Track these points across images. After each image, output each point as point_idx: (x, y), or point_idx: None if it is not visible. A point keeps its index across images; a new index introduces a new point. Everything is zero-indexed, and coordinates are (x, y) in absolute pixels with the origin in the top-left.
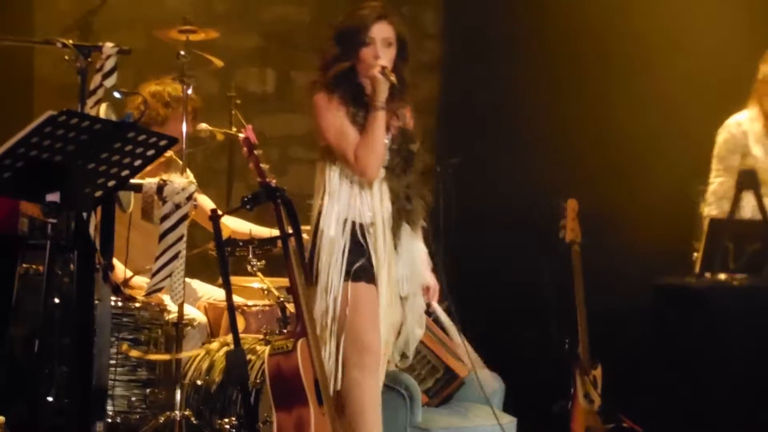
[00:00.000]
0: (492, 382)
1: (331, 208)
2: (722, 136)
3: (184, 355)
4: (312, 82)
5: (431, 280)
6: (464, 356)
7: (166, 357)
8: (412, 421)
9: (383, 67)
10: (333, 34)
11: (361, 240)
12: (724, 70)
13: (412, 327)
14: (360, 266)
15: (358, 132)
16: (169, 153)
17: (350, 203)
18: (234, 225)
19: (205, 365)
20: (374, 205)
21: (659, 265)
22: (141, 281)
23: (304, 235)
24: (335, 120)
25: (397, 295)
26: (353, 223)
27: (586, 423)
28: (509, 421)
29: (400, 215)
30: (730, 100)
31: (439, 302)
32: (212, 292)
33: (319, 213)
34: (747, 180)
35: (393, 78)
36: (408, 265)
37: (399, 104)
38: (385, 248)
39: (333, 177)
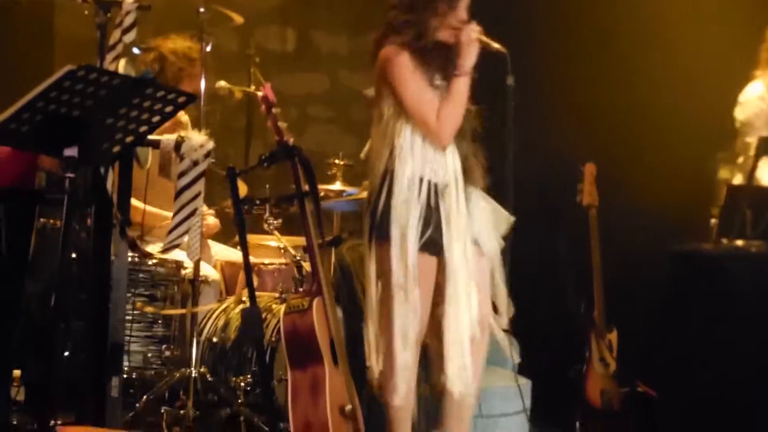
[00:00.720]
0: (508, 345)
1: (404, 167)
2: (751, 110)
3: (199, 309)
4: (380, 36)
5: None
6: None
7: (181, 311)
8: (428, 378)
9: (474, 31)
10: None
11: (433, 203)
12: (739, 39)
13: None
14: (428, 237)
15: (436, 96)
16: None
17: (424, 161)
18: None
19: (220, 322)
20: (447, 164)
21: (676, 231)
22: (154, 249)
23: (321, 194)
24: (414, 81)
25: (473, 255)
26: (428, 182)
27: (601, 386)
28: (524, 383)
29: (469, 177)
30: (745, 66)
31: None
32: (227, 252)
33: (385, 171)
34: (765, 147)
35: (487, 40)
36: (480, 225)
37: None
38: (458, 209)
39: (405, 134)
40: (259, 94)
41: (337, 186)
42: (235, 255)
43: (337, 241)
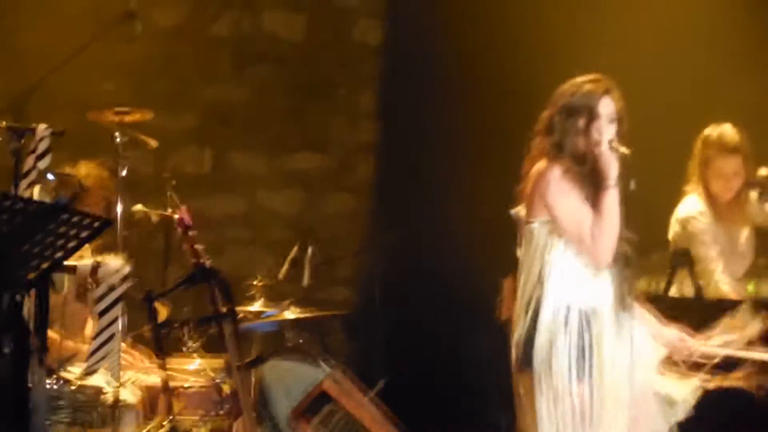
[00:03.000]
0: None
1: (555, 292)
2: (691, 228)
3: None
4: (536, 150)
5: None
6: None
7: None
8: None
9: (611, 141)
10: (559, 105)
11: (585, 330)
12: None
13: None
14: (576, 366)
15: (591, 213)
16: None
17: (576, 287)
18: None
19: None
20: (601, 290)
21: None
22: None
23: (240, 315)
24: (571, 198)
25: (625, 386)
26: (579, 310)
27: None
28: None
29: (621, 300)
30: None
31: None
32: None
33: (530, 297)
34: (680, 259)
35: (624, 150)
36: (634, 353)
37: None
38: (609, 338)
39: (557, 256)
40: (176, 217)
41: (257, 307)
42: (154, 379)
43: (258, 362)
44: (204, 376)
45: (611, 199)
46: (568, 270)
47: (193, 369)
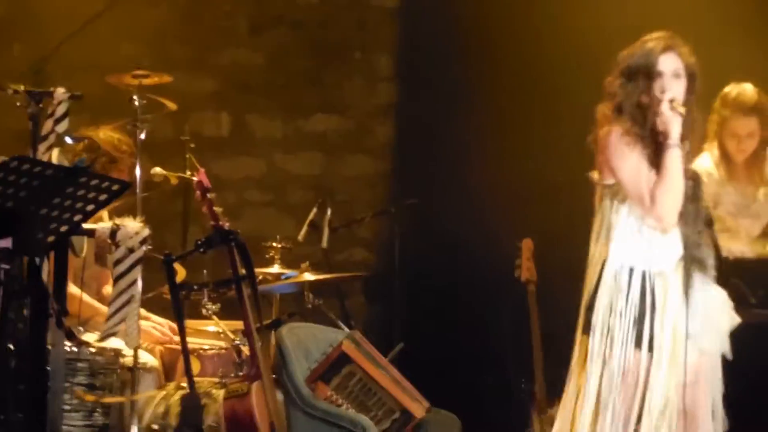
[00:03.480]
0: (449, 422)
1: (617, 254)
2: None
3: (139, 397)
4: (601, 114)
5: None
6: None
7: (121, 399)
8: None
9: (671, 101)
10: (620, 68)
11: (648, 293)
12: None
13: (714, 384)
14: (637, 331)
15: (652, 172)
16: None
17: (639, 249)
18: None
19: (161, 409)
20: (666, 252)
21: None
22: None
23: (259, 278)
24: (630, 159)
25: (687, 351)
26: (642, 273)
27: None
28: None
29: (693, 263)
30: None
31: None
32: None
33: (600, 258)
34: None
35: (682, 110)
36: (703, 318)
37: (687, 142)
38: (673, 302)
39: (620, 218)
40: (195, 179)
41: (276, 269)
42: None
43: (277, 324)
44: (223, 339)
45: (672, 158)
46: (632, 232)
47: (212, 331)
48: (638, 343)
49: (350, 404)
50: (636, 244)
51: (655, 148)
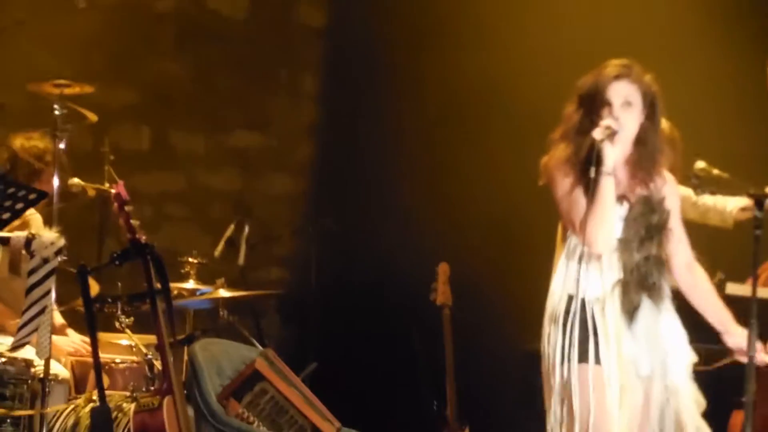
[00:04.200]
0: None
1: (558, 283)
2: None
3: (49, 410)
4: (551, 139)
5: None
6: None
7: (31, 412)
8: None
9: (607, 127)
10: (576, 93)
11: (589, 319)
12: None
13: (661, 409)
14: (585, 347)
15: (587, 200)
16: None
17: (576, 277)
18: None
19: (70, 422)
20: (603, 278)
21: (529, 330)
22: (3, 340)
23: (174, 292)
24: (564, 186)
25: (634, 375)
26: (582, 300)
27: None
28: None
29: (638, 289)
30: None
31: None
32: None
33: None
34: None
35: (607, 133)
36: (647, 342)
37: (647, 171)
38: (612, 325)
39: (564, 249)
40: (113, 192)
41: (191, 284)
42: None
43: (190, 339)
44: (135, 353)
45: (602, 186)
46: (572, 261)
47: (124, 345)
48: (582, 368)
49: (262, 422)
50: (574, 273)
51: (588, 176)
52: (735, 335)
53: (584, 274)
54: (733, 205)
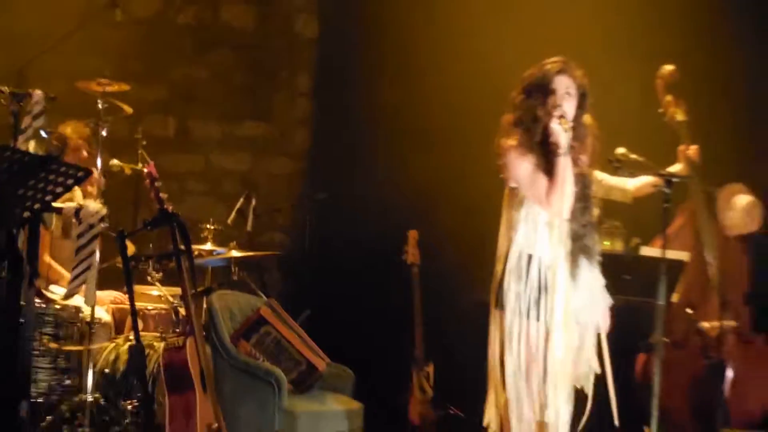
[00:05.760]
0: (344, 374)
1: (518, 243)
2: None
3: (94, 346)
4: (503, 124)
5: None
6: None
7: (80, 348)
8: (279, 406)
9: (560, 117)
10: (522, 85)
11: (542, 277)
12: None
13: (590, 355)
14: (536, 306)
15: (545, 176)
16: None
17: (534, 241)
18: None
19: (111, 357)
20: (555, 244)
21: (479, 283)
22: (58, 290)
23: (195, 253)
24: (523, 166)
25: (575, 322)
26: (538, 259)
27: (421, 411)
28: (358, 407)
29: (579, 251)
30: None
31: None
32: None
33: (507, 248)
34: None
35: (568, 125)
36: (586, 296)
37: (579, 152)
38: (562, 281)
39: (521, 215)
40: (145, 170)
41: (209, 246)
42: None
43: (208, 291)
44: (164, 302)
45: (562, 165)
46: (530, 226)
47: (155, 295)
48: (537, 317)
49: (266, 358)
50: (532, 237)
51: (546, 156)
52: None
53: (540, 237)
54: (632, 184)
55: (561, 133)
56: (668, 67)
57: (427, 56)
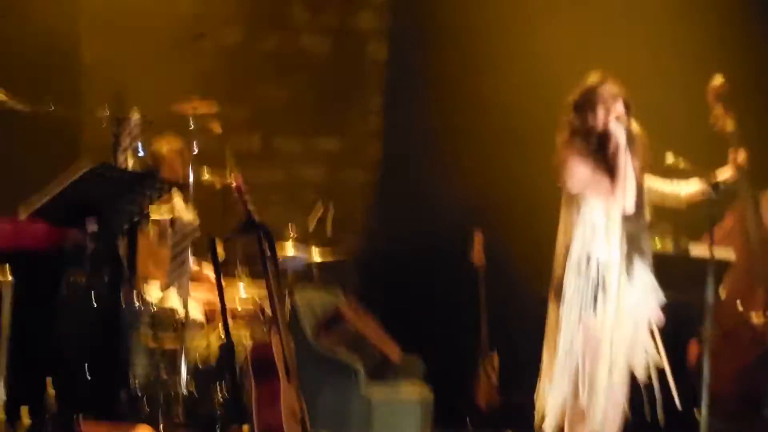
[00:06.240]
0: (416, 363)
1: (578, 244)
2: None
3: (188, 343)
4: (560, 142)
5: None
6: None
7: (175, 345)
8: (357, 392)
9: (617, 117)
10: (570, 105)
11: (600, 275)
12: None
13: (645, 347)
14: (593, 302)
15: (607, 176)
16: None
17: (593, 242)
18: None
19: (204, 353)
20: (609, 243)
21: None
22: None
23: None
24: (586, 172)
25: (629, 317)
26: (597, 260)
27: (487, 397)
28: (428, 393)
29: (634, 251)
30: None
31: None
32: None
33: (567, 247)
34: None
35: (625, 121)
36: (640, 293)
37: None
38: (617, 279)
39: (580, 219)
40: (233, 183)
41: (291, 251)
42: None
43: (292, 291)
44: (252, 302)
45: (623, 160)
46: (587, 228)
47: (244, 296)
48: (594, 312)
49: (344, 350)
50: (589, 238)
51: (604, 159)
52: None
53: (597, 238)
54: (685, 192)
55: (620, 130)
56: (719, 80)
57: (486, 61)
